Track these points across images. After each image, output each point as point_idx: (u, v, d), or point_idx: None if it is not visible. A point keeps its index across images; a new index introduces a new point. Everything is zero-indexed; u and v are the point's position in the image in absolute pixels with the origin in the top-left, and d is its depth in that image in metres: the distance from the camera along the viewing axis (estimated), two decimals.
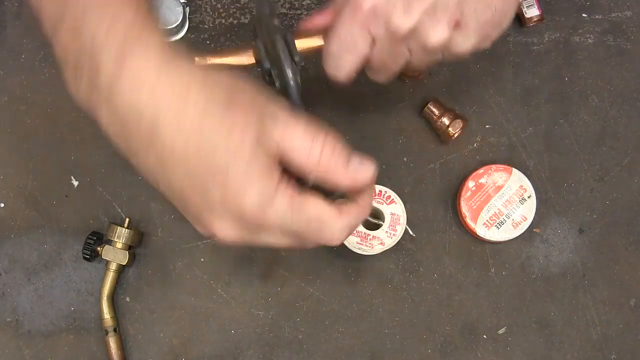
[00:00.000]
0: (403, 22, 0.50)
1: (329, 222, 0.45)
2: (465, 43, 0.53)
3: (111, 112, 0.43)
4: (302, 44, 0.55)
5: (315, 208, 0.44)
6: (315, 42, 0.55)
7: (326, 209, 0.45)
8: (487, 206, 0.71)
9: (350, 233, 0.47)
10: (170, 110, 0.41)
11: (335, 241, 0.46)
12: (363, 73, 0.56)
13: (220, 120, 0.41)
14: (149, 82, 0.41)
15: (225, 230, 0.44)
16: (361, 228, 0.67)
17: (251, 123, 0.42)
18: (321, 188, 0.46)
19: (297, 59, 0.53)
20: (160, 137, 0.41)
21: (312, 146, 0.44)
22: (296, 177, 0.45)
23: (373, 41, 0.52)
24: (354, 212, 0.47)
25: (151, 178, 0.45)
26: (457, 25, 0.51)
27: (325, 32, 0.55)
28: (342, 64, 0.54)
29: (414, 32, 0.50)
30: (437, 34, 0.50)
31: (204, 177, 0.42)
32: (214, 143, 0.41)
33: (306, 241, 0.46)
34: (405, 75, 0.73)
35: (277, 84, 0.53)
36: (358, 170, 0.46)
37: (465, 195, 0.71)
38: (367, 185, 0.47)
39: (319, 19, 0.55)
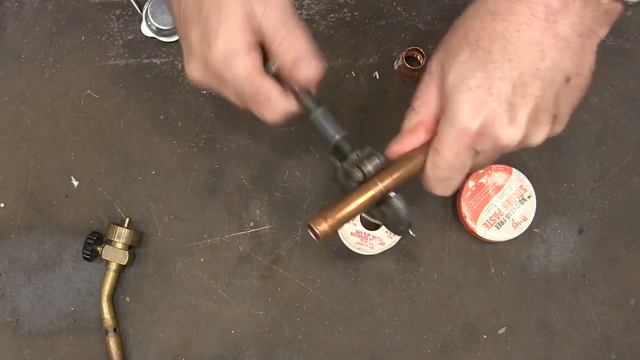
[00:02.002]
0: (512, 136, 0.48)
1: (274, 101, 0.51)
2: (559, 128, 0.52)
3: None
4: (399, 176, 0.52)
5: (269, 86, 0.50)
6: (413, 165, 0.52)
7: (277, 90, 0.51)
8: (487, 206, 0.71)
9: (283, 118, 0.52)
10: None
11: (270, 120, 0.52)
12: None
13: None
14: None
15: (192, 70, 0.51)
16: (361, 228, 0.67)
17: None
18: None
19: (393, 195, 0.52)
20: None
21: (283, 33, 0.49)
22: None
23: (477, 153, 0.51)
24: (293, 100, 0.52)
25: (176, 22, 0.53)
26: (555, 119, 0.51)
27: (420, 151, 0.52)
28: (452, 185, 0.53)
29: (521, 141, 0.50)
30: (541, 136, 0.50)
31: (192, 19, 0.49)
32: None
33: (250, 107, 0.52)
34: (406, 76, 0.73)
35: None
36: (300, 69, 0.50)
37: (465, 195, 0.71)
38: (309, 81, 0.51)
39: (412, 141, 0.53)
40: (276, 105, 0.51)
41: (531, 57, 0.47)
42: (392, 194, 0.51)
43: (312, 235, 0.50)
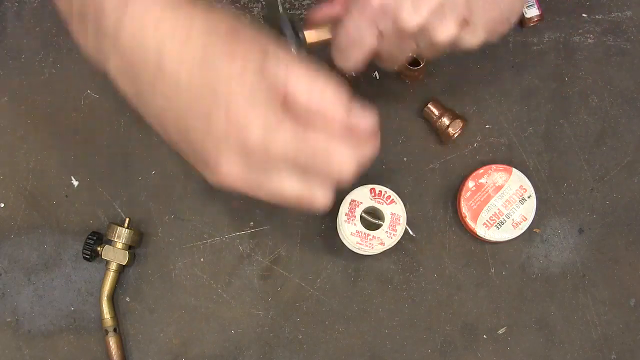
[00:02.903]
0: (411, 19, 0.50)
1: (336, 149, 0.44)
2: (473, 40, 0.54)
3: (119, 55, 0.44)
4: (311, 35, 0.56)
5: (320, 137, 0.43)
6: (323, 34, 0.57)
7: (330, 137, 0.44)
8: (487, 206, 0.71)
9: (358, 165, 0.46)
10: (174, 42, 0.42)
11: (345, 170, 0.44)
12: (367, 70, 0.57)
13: (222, 50, 0.42)
14: (153, 17, 0.42)
15: (229, 165, 0.42)
16: (361, 228, 0.67)
17: (254, 54, 0.43)
18: None
19: (301, 35, 0.55)
20: (166, 70, 0.42)
21: (314, 88, 0.43)
22: None
23: (381, 35, 0.53)
24: (360, 142, 0.46)
25: (158, 121, 0.45)
26: (465, 22, 0.52)
27: (333, 23, 0.56)
28: (350, 57, 0.55)
29: (422, 30, 0.51)
30: (445, 32, 0.51)
31: (208, 108, 0.42)
32: (216, 72, 0.41)
33: (315, 176, 0.44)
34: (405, 76, 0.73)
35: None
36: (359, 117, 0.46)
37: (465, 195, 0.71)
38: (367, 134, 0.46)
39: (328, 10, 0.56)
40: (341, 152, 0.45)
41: None
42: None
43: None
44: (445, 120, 0.71)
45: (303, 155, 0.43)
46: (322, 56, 0.55)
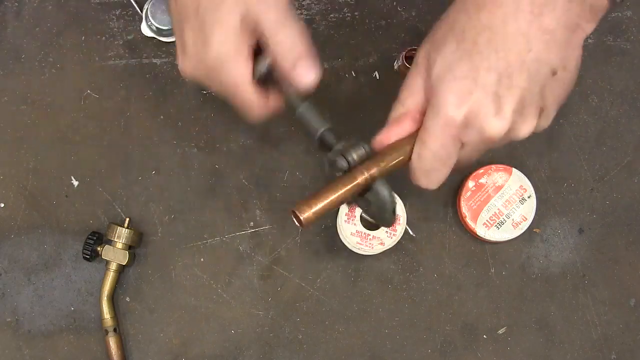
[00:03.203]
0: (497, 127, 0.48)
1: (257, 110, 0.53)
2: (546, 123, 0.52)
3: None
4: (386, 166, 0.52)
5: (253, 97, 0.52)
6: (398, 158, 0.52)
7: (261, 101, 0.52)
8: (487, 206, 0.71)
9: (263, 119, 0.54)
10: None
11: (251, 121, 0.55)
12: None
13: None
14: None
15: (185, 66, 0.52)
16: (361, 228, 0.67)
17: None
18: None
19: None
20: None
21: (283, 33, 0.49)
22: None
23: (463, 145, 0.51)
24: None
25: (173, 15, 0.53)
26: (541, 111, 0.51)
27: (407, 142, 0.52)
28: (437, 177, 0.53)
29: (507, 132, 0.49)
30: (527, 128, 0.50)
31: (188, 17, 0.50)
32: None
33: (233, 105, 0.54)
34: (406, 76, 0.73)
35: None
36: (300, 72, 0.50)
37: (465, 195, 0.71)
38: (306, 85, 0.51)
39: (397, 130, 0.53)
40: (258, 112, 0.54)
41: (517, 48, 0.47)
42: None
43: (296, 222, 0.51)
44: None
45: (231, 99, 0.53)
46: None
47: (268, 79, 0.53)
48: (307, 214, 0.50)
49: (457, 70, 0.48)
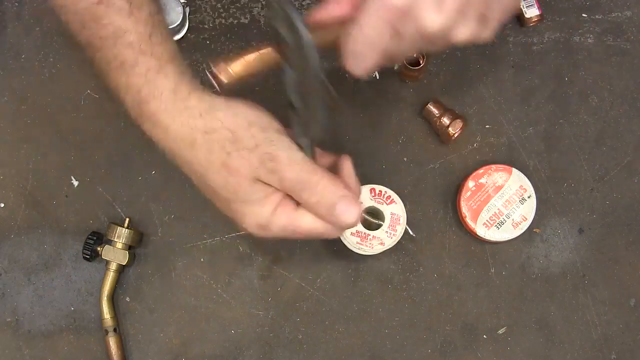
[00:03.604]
0: (435, 21, 0.48)
1: (324, 233, 0.51)
2: (486, 34, 0.51)
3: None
4: (318, 37, 0.50)
5: (308, 224, 0.51)
6: (332, 34, 0.51)
7: (317, 224, 0.50)
8: (487, 206, 0.71)
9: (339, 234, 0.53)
10: (181, 154, 0.51)
11: (333, 237, 0.53)
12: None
13: (220, 169, 0.49)
14: (162, 125, 0.50)
15: (242, 228, 0.53)
16: (361, 228, 0.67)
17: (249, 167, 0.48)
18: None
19: (304, 34, 0.49)
20: (183, 168, 0.53)
21: (309, 189, 0.49)
22: None
23: (397, 36, 0.50)
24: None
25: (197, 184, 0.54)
26: (482, 17, 0.50)
27: (341, 23, 0.51)
28: (365, 61, 0.51)
29: (443, 30, 0.48)
30: (466, 31, 0.49)
31: (219, 202, 0.52)
32: (218, 184, 0.50)
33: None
34: (405, 76, 0.73)
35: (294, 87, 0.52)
36: (340, 215, 0.50)
37: (465, 195, 0.71)
38: (348, 226, 0.51)
39: (335, 9, 0.52)
40: (332, 234, 0.53)
41: None
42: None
43: (214, 82, 0.51)
44: (445, 120, 0.71)
45: (297, 236, 0.52)
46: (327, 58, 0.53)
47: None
48: (222, 67, 0.51)
49: None
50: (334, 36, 0.51)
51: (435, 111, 0.72)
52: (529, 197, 0.71)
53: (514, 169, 0.71)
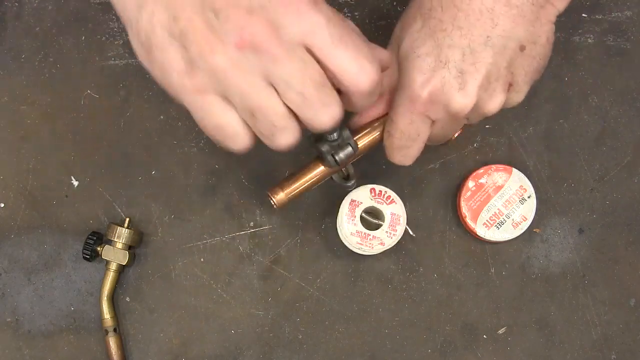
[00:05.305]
0: (462, 103, 0.49)
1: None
2: (518, 97, 0.53)
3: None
4: (362, 142, 0.55)
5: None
6: (373, 136, 0.56)
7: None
8: (487, 206, 0.71)
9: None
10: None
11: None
12: None
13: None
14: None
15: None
16: (361, 228, 0.67)
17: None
18: None
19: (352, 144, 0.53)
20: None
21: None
22: None
23: (433, 122, 0.52)
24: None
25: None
26: (510, 85, 0.51)
27: (381, 122, 0.54)
28: (410, 153, 0.54)
29: (474, 107, 0.50)
30: (495, 103, 0.51)
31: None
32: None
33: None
34: None
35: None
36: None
37: (465, 195, 0.71)
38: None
39: (373, 112, 0.55)
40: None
41: (482, 24, 0.47)
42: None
43: (272, 203, 0.55)
44: None
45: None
46: None
47: None
48: (279, 195, 0.54)
49: (421, 48, 0.49)
50: (375, 135, 0.55)
51: None
52: (529, 197, 0.71)
53: (514, 169, 0.71)
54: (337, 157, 0.53)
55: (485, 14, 0.48)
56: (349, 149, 0.53)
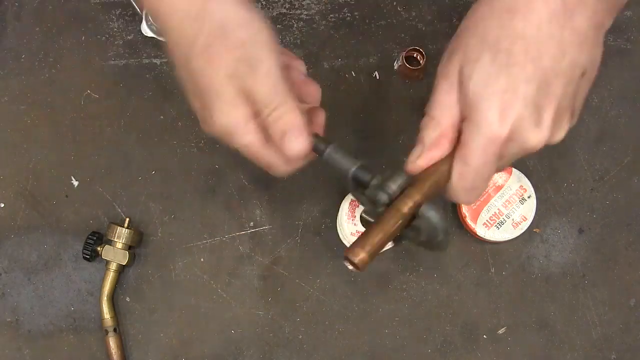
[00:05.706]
0: (538, 139, 0.47)
1: (275, 167, 0.52)
2: (574, 123, 0.51)
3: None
4: (428, 189, 0.50)
5: (269, 156, 0.50)
6: (438, 180, 0.50)
7: (279, 159, 0.51)
8: (487, 206, 0.71)
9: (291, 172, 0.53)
10: (182, 25, 0.48)
11: (278, 170, 0.53)
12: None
13: (203, 53, 0.47)
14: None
15: (205, 128, 0.52)
16: (361, 228, 0.67)
17: (230, 61, 0.47)
18: None
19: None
20: (172, 46, 0.50)
21: (273, 105, 0.48)
22: None
23: (500, 158, 0.49)
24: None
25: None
26: (572, 113, 0.50)
27: (442, 163, 0.50)
28: (479, 194, 0.51)
29: (545, 143, 0.49)
30: (562, 134, 0.49)
31: (191, 92, 0.51)
32: (198, 66, 0.48)
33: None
34: (405, 76, 0.73)
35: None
36: (287, 142, 0.49)
37: None
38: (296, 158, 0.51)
39: (435, 153, 0.50)
40: (283, 168, 0.52)
41: (552, 55, 0.46)
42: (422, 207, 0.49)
43: (351, 267, 0.50)
44: None
45: (252, 159, 0.52)
46: None
47: None
48: (360, 256, 0.49)
49: (496, 85, 0.46)
50: (441, 175, 0.50)
51: None
52: (529, 197, 0.71)
53: (514, 169, 0.71)
54: (388, 190, 0.50)
55: (554, 43, 0.46)
56: (399, 179, 0.50)
